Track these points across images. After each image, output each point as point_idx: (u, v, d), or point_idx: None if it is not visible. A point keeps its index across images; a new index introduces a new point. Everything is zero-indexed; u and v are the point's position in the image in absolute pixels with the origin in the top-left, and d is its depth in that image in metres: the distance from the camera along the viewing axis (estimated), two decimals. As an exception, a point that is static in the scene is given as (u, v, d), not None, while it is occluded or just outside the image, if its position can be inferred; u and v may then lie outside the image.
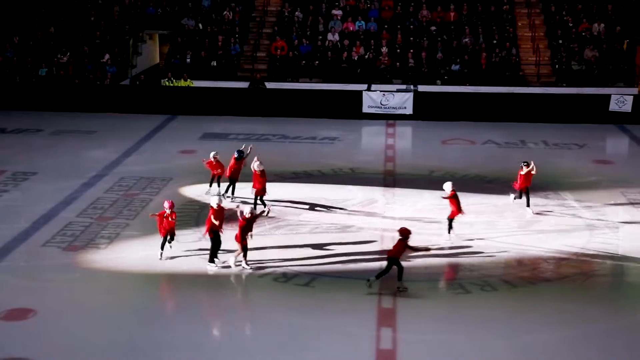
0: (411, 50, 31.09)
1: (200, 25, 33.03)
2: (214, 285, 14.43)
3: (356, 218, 17.81)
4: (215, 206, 14.96)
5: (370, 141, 26.63)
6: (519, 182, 17.95)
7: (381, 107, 27.99)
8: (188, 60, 31.41)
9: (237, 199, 18.72)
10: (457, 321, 13.02)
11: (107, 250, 15.90)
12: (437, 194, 19.46)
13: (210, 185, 19.14)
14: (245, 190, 18.69)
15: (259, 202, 17.90)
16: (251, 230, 15.11)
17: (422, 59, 30.85)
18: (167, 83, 29.83)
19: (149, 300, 13.80)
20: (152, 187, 19.85)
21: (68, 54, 30.98)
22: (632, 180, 20.70)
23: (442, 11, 32.93)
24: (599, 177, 20.98)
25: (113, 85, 30.01)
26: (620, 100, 27.21)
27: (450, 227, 16.31)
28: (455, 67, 30.38)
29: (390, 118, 27.86)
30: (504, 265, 15.27)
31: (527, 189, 17.96)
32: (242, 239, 14.72)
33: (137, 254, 16.02)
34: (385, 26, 32.63)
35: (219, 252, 15.08)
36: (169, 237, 15.45)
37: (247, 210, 14.99)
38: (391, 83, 30.10)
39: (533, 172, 17.83)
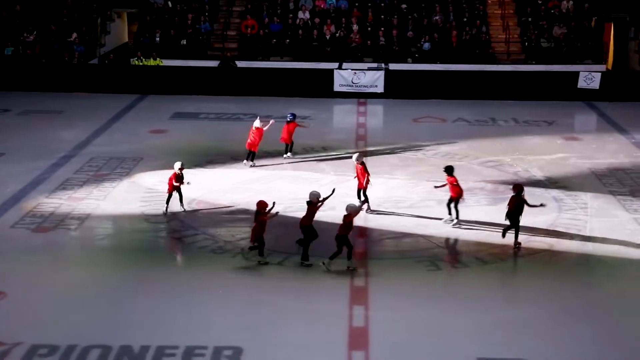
0: (382, 29, 31.06)
1: (170, 3, 32.68)
2: (185, 265, 14.43)
3: (328, 197, 17.79)
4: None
5: (342, 120, 26.64)
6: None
7: (352, 86, 27.98)
8: (157, 39, 31.09)
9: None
10: (429, 298, 13.14)
11: (78, 232, 15.79)
12: (408, 171, 19.63)
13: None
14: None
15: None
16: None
17: (393, 37, 30.85)
18: (136, 62, 29.53)
19: (119, 281, 13.74)
20: (123, 168, 19.71)
21: (34, 32, 30.49)
22: (599, 156, 20.98)
23: (409, -12, 32.93)
24: (568, 154, 21.23)
25: (81, 64, 29.63)
26: (589, 77, 27.48)
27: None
28: (426, 45, 30.42)
29: (361, 96, 27.87)
30: (474, 242, 15.41)
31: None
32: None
33: (108, 234, 15.95)
34: (356, 4, 32.54)
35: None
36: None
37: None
38: (362, 61, 30.10)
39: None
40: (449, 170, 15.98)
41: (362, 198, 16.69)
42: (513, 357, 11.18)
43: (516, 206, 14.74)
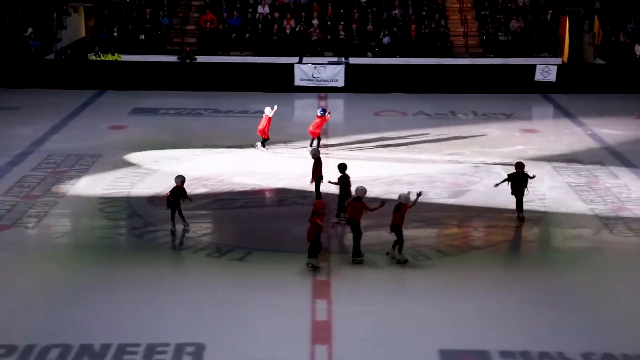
0: (342, 23, 31.11)
1: (127, -2, 32.33)
2: (146, 262, 14.27)
3: (290, 191, 17.83)
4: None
5: (303, 114, 26.60)
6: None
7: (313, 80, 27.98)
8: (115, 33, 30.73)
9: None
10: (391, 291, 13.23)
11: (35, 229, 15.56)
12: (370, 165, 19.72)
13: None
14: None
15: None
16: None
17: (352, 31, 30.92)
18: (94, 57, 29.17)
19: (79, 279, 13.56)
20: (81, 164, 19.45)
21: (-12, 27, 29.93)
22: (556, 148, 21.30)
23: (372, -17, 33.02)
24: (526, 146, 21.51)
25: (37, 59, 29.14)
26: (545, 70, 27.89)
27: None
28: (385, 39, 30.55)
29: (322, 91, 27.89)
30: (435, 235, 15.55)
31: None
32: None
33: (66, 232, 15.74)
34: (316, -2, 32.55)
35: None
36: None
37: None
38: (322, 56, 30.13)
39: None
40: (342, 167, 15.92)
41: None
42: (475, 349, 11.29)
43: (520, 181, 15.44)
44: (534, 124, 24.84)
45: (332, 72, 27.99)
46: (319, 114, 20.66)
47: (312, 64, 28.28)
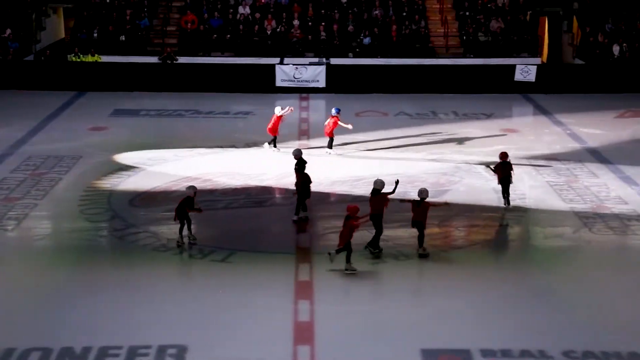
0: (323, 23, 31.14)
1: (107, -1, 32.17)
2: (128, 264, 14.22)
3: (272, 192, 17.84)
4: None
5: (284, 115, 26.59)
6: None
7: (294, 81, 27.98)
8: (95, 34, 30.57)
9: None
10: (374, 291, 13.25)
11: (15, 232, 15.44)
12: (351, 165, 19.76)
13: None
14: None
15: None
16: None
17: (333, 31, 30.96)
18: (74, 58, 28.99)
19: (59, 282, 13.48)
20: (61, 166, 19.33)
21: (-34, 29, 29.65)
22: (537, 147, 21.46)
23: (352, -17, 33.08)
24: (506, 145, 21.54)
25: (16, 61, 28.92)
26: (525, 70, 28.09)
27: None
28: (366, 40, 30.61)
29: (303, 91, 27.90)
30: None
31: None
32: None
33: (47, 234, 15.63)
34: (297, -1, 32.57)
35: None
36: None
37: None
38: (304, 56, 30.13)
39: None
40: (301, 165, 15.97)
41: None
42: (457, 348, 11.34)
43: (505, 170, 16.35)
44: (514, 124, 24.99)
45: (313, 73, 28.02)
46: (334, 114, 20.64)
47: (293, 64, 28.29)
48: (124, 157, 20.16)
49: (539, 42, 30.50)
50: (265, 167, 19.59)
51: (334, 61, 29.16)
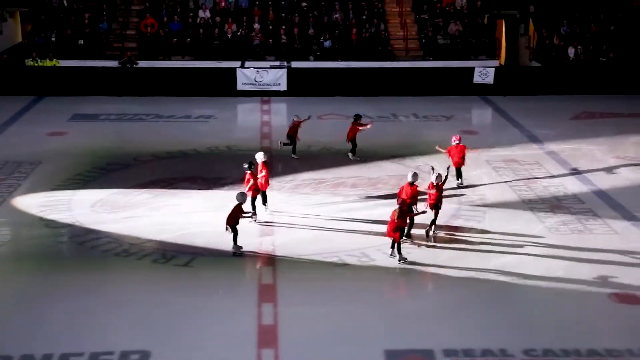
0: (283, 27, 31.18)
1: (65, 2, 31.77)
2: (89, 270, 14.06)
3: (234, 195, 17.74)
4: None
5: (246, 118, 26.63)
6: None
7: (255, 84, 27.97)
8: (53, 38, 30.19)
9: None
10: (337, 293, 13.27)
11: (-26, 240, 15.22)
12: (314, 169, 19.81)
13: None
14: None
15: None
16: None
17: (294, 35, 31.02)
18: (31, 63, 28.59)
19: (19, 289, 13.30)
20: (20, 172, 19.07)
21: None
22: (495, 148, 21.76)
23: (312, -13, 33.18)
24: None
25: (-28, 66, 28.44)
26: (483, 73, 28.46)
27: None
28: (326, 43, 30.73)
29: (265, 95, 27.91)
30: (379, 237, 15.55)
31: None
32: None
33: (6, 241, 15.42)
34: (257, 2, 32.53)
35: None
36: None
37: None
38: (265, 60, 30.12)
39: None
40: (250, 165, 16.04)
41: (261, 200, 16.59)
42: (420, 348, 11.45)
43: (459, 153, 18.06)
44: (473, 126, 25.31)
45: (274, 76, 28.04)
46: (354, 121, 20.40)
47: (255, 68, 28.28)
48: (83, 162, 19.97)
49: (497, 45, 30.91)
50: (227, 170, 19.54)
51: (295, 64, 29.22)
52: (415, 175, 15.44)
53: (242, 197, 14.81)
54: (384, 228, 15.87)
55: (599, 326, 12.32)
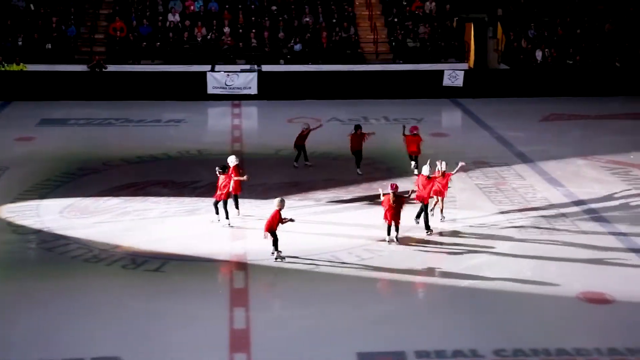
0: (253, 30, 31.16)
1: (32, 6, 31.43)
2: (58, 276, 13.93)
3: (205, 200, 17.72)
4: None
5: (217, 122, 26.57)
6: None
7: (226, 88, 27.92)
8: (20, 42, 29.87)
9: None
10: (309, 296, 13.31)
11: (-60, 247, 14.99)
12: (285, 172, 19.84)
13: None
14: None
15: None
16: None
17: (264, 38, 31.02)
18: (-2, 67, 28.27)
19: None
20: (-13, 178, 18.86)
21: None
22: (465, 151, 21.92)
23: (282, -9, 33.22)
24: (436, 150, 21.97)
25: (-63, 71, 28.03)
26: (453, 76, 28.70)
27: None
28: (297, 47, 30.77)
29: (235, 98, 27.87)
30: (349, 239, 15.59)
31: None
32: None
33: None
34: (227, 6, 32.48)
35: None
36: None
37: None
38: (235, 63, 30.09)
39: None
40: (223, 168, 16.04)
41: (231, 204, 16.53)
42: (392, 350, 11.49)
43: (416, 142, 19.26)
44: (443, 128, 25.50)
45: (245, 80, 28.01)
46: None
47: (225, 71, 28.22)
48: (52, 167, 19.79)
49: (466, 48, 31.18)
50: (198, 174, 19.47)
51: (266, 68, 29.21)
52: (429, 169, 16.21)
53: (281, 203, 14.55)
54: (355, 231, 16.00)
55: (567, 326, 12.46)
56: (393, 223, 15.19)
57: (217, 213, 16.13)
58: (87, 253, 14.78)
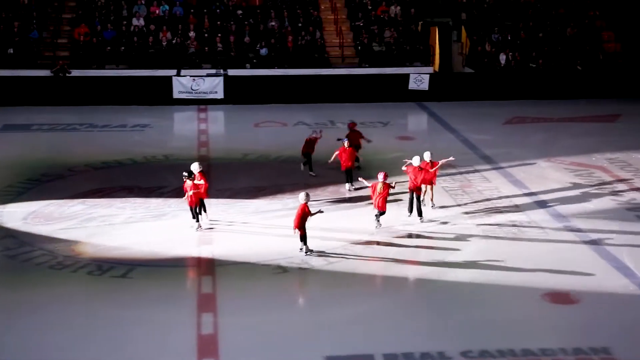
0: (219, 35, 31.08)
1: (-7, 10, 31.00)
2: (22, 284, 13.79)
3: (172, 205, 17.68)
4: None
5: (183, 127, 26.49)
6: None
7: (192, 92, 27.84)
8: (-19, 47, 29.42)
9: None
10: (277, 300, 13.34)
11: None
12: (252, 176, 19.84)
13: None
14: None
15: None
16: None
17: (230, 43, 30.95)
18: (-41, 73, 27.84)
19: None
20: (-52, 185, 18.57)
21: None
22: (419, 154, 22.01)
23: (247, -5, 33.19)
24: (403, 153, 22.14)
25: None
26: (418, 79, 28.95)
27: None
28: (263, 51, 30.76)
29: (201, 103, 27.81)
30: (317, 242, 15.50)
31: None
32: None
33: None
34: (192, 10, 32.33)
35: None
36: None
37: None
38: (201, 68, 29.95)
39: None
40: (189, 174, 16.03)
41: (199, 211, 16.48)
42: (360, 353, 11.57)
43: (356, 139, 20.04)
44: (409, 131, 25.70)
45: (211, 84, 27.95)
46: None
47: (191, 76, 28.13)
48: (14, 174, 19.55)
49: (431, 52, 31.43)
50: (165, 179, 19.40)
51: (232, 72, 29.17)
52: (418, 159, 17.14)
53: (307, 197, 14.85)
54: (323, 234, 16.02)
55: (532, 326, 12.62)
56: (379, 210, 16.05)
57: (194, 217, 16.09)
58: (52, 260, 14.66)
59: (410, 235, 16.22)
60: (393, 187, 16.35)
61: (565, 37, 32.28)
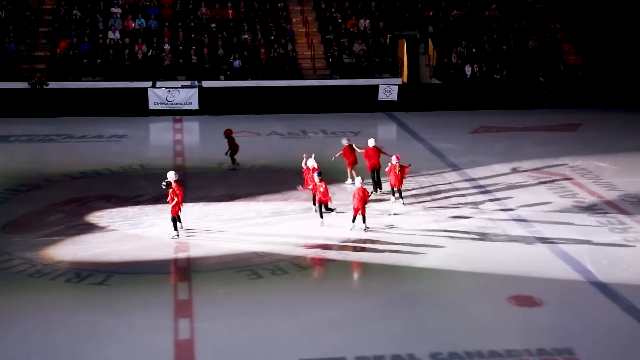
0: (193, 47, 31.54)
1: (-31, 23, 31.21)
2: (3, 292, 13.89)
3: (148, 213, 17.94)
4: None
5: (159, 137, 26.79)
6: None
7: (167, 104, 28.26)
8: (-43, 60, 29.61)
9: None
10: (252, 306, 13.51)
11: None
12: (227, 184, 20.21)
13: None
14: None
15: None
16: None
17: (204, 55, 31.43)
18: None
19: None
20: None
21: None
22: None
23: (220, 8, 33.66)
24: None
25: None
26: (388, 90, 29.66)
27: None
28: (236, 63, 31.28)
29: (177, 114, 28.19)
30: (292, 249, 15.96)
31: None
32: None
33: None
34: (166, 24, 32.77)
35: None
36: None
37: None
38: (176, 79, 30.39)
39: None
40: (167, 184, 16.28)
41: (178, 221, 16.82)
42: (333, 357, 11.74)
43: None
44: (379, 141, 26.13)
45: (186, 96, 28.40)
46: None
47: (166, 87, 28.54)
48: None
49: (399, 64, 32.07)
50: (141, 189, 19.68)
51: (206, 84, 29.61)
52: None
53: (362, 180, 17.14)
54: (296, 241, 16.36)
55: (499, 328, 12.92)
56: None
57: (175, 228, 16.37)
58: (31, 268, 14.75)
59: (379, 241, 16.47)
60: (409, 167, 18.73)
61: (527, 49, 33.20)
